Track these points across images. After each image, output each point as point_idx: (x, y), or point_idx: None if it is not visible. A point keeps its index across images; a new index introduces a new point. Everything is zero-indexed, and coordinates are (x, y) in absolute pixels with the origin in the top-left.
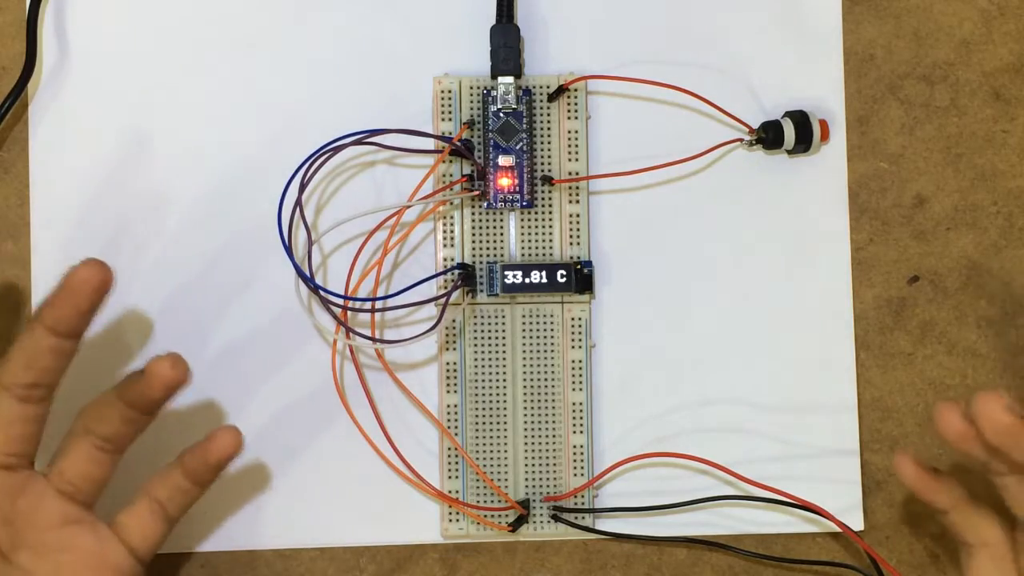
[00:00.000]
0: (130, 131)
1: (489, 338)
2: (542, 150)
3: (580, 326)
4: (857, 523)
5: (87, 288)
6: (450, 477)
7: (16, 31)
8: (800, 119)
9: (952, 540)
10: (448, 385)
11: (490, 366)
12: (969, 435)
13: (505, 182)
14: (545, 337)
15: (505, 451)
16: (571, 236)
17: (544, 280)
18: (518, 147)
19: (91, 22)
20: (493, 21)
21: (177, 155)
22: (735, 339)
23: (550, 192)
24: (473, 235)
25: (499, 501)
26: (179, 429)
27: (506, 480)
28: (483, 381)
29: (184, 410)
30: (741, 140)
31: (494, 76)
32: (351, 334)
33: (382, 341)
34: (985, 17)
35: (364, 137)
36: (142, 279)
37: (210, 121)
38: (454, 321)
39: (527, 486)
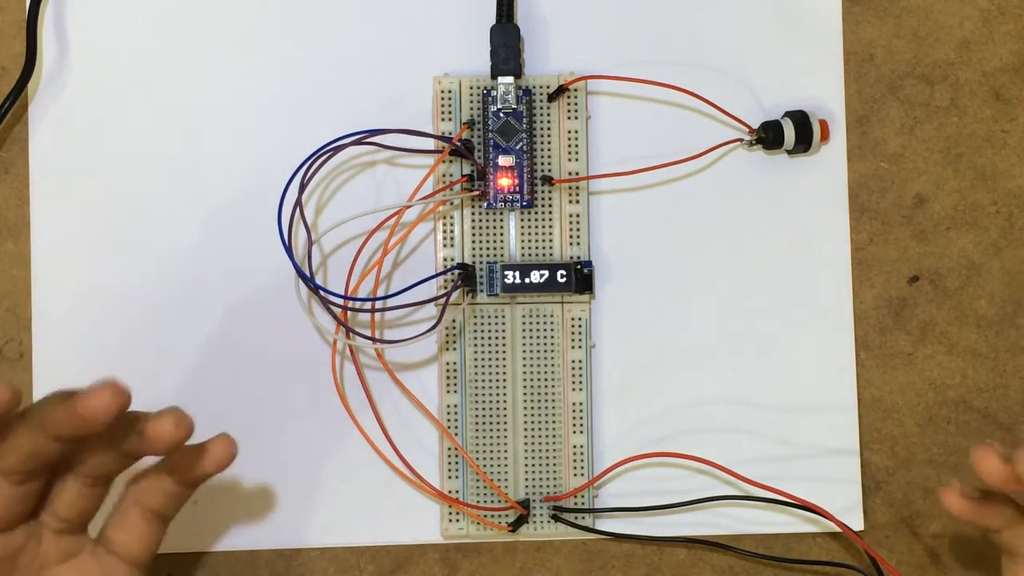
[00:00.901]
0: (130, 131)
1: (489, 338)
2: (542, 150)
3: (580, 326)
4: (857, 523)
5: (97, 418)
6: (450, 477)
7: (16, 31)
8: (800, 119)
9: (960, 542)
10: (448, 385)
11: (490, 366)
12: (1011, 476)
13: (505, 182)
14: (545, 337)
15: (505, 451)
16: (571, 236)
17: (544, 280)
18: (518, 147)
19: (91, 22)
20: (493, 21)
21: (177, 155)
22: (735, 339)
23: (550, 192)
24: (473, 235)
25: (499, 501)
26: None
27: (506, 480)
28: (483, 381)
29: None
30: (741, 140)
31: (494, 76)
32: (351, 334)
33: (382, 341)
34: (985, 17)
35: (364, 137)
36: (142, 279)
37: (210, 121)
38: (454, 321)
39: (527, 486)
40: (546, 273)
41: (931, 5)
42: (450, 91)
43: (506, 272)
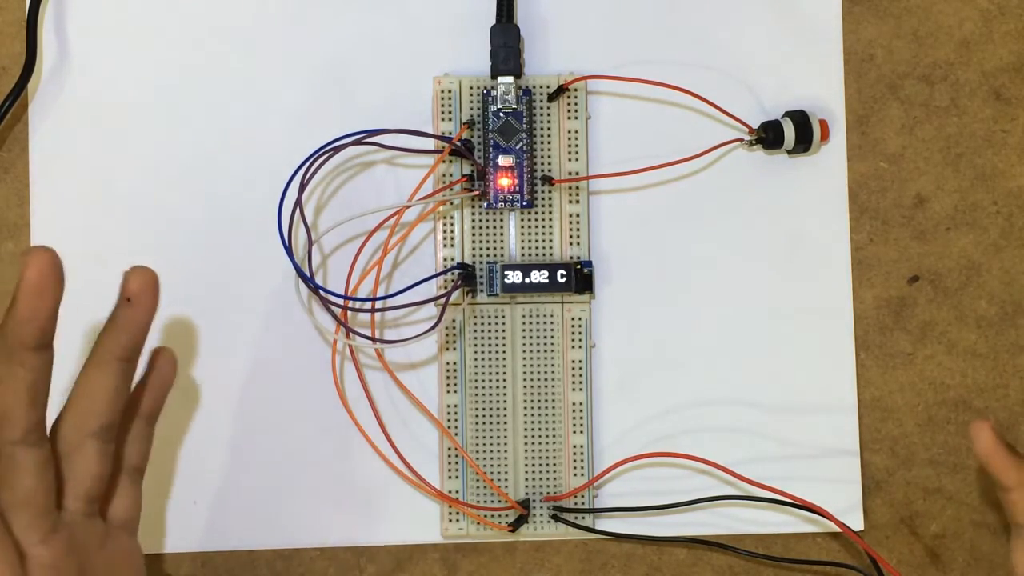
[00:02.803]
0: (130, 131)
1: (489, 338)
2: (542, 150)
3: (580, 326)
4: (857, 523)
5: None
6: (450, 477)
7: (16, 31)
8: (800, 119)
9: (954, 537)
10: (448, 385)
11: (490, 366)
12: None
13: (505, 182)
14: (545, 337)
15: (505, 451)
16: (571, 236)
17: (544, 280)
18: (518, 147)
19: (91, 22)
20: (493, 21)
21: (177, 155)
22: (735, 339)
23: (550, 192)
24: (473, 235)
25: (499, 501)
26: (180, 427)
27: (506, 480)
28: (483, 381)
29: (183, 410)
30: (741, 140)
31: (494, 76)
32: (351, 334)
33: (382, 341)
34: (985, 17)
35: (364, 137)
36: None
37: (210, 121)
38: (454, 321)
39: (527, 486)
40: (546, 273)
41: (931, 5)
42: (450, 91)
43: (506, 272)
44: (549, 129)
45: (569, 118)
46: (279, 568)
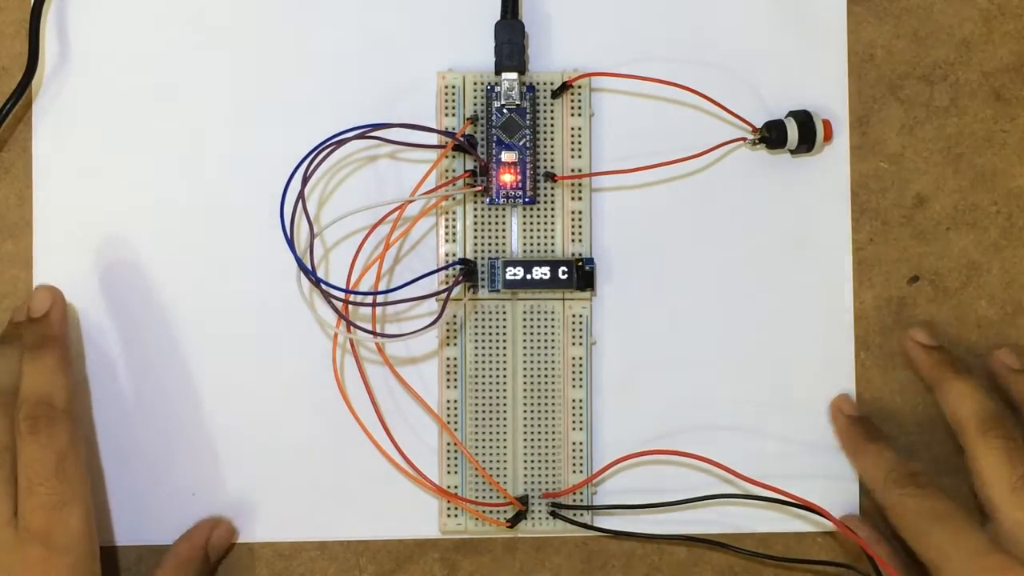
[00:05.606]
0: (132, 129)
1: (490, 334)
2: (545, 146)
3: (581, 323)
4: (855, 522)
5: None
6: (449, 472)
7: (18, 31)
8: (804, 119)
9: None
10: (448, 380)
11: (490, 362)
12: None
13: (508, 178)
14: (546, 334)
15: (504, 447)
16: (573, 233)
17: (545, 276)
18: (521, 143)
19: (93, 22)
20: (498, 16)
21: (180, 150)
22: (735, 337)
23: (552, 189)
24: (475, 231)
25: (498, 497)
26: (177, 418)
27: (505, 476)
28: (483, 377)
29: (184, 406)
30: (744, 139)
31: (498, 72)
32: (352, 327)
33: (383, 335)
34: (985, 17)
35: (367, 131)
36: (145, 274)
37: (213, 116)
38: (455, 316)
39: (526, 482)
40: (547, 269)
41: (931, 5)
42: (454, 86)
43: (508, 268)
44: (552, 126)
45: (572, 115)
46: (279, 568)
